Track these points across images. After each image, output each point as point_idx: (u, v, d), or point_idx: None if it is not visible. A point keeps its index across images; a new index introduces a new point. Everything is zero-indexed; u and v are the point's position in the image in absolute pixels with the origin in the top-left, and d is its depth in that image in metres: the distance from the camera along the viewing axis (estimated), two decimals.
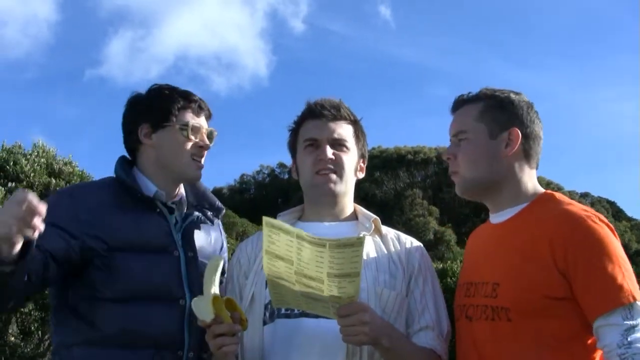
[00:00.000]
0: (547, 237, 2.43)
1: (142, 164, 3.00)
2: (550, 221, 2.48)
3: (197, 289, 2.66)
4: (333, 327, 2.47)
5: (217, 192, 51.51)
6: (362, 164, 2.91)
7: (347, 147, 2.80)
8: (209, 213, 3.13)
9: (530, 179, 2.68)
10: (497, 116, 2.67)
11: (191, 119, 2.95)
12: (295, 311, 2.57)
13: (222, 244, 3.20)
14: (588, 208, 2.55)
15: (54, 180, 10.10)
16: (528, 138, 2.67)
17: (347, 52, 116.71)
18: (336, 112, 2.81)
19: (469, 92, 2.76)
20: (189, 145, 2.93)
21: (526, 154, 2.67)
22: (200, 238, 3.02)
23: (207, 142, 2.99)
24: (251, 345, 2.61)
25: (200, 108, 2.99)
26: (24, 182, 9.93)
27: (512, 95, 2.72)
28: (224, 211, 3.21)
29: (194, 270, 2.88)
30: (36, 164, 10.32)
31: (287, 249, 2.30)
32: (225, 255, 3.19)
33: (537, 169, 2.73)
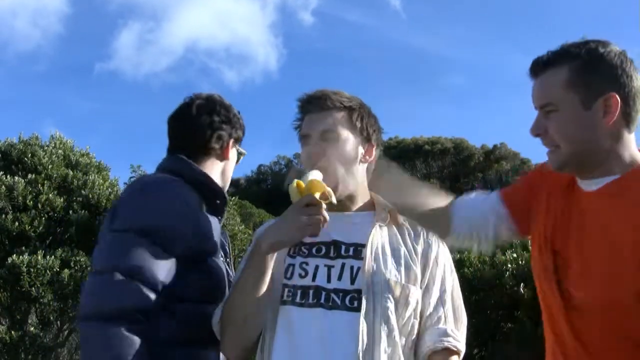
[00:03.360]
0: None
1: (206, 168, 2.95)
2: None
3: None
4: (346, 322, 2.48)
5: (234, 182, 51.57)
6: (368, 148, 2.82)
7: (336, 136, 2.74)
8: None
9: (632, 144, 2.34)
10: (589, 81, 2.27)
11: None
12: (310, 300, 2.57)
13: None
14: None
15: (71, 172, 10.16)
16: (628, 99, 2.27)
17: (360, 43, 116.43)
18: (322, 103, 2.76)
19: (549, 52, 2.37)
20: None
21: (627, 118, 2.29)
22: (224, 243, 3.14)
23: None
24: (269, 322, 2.60)
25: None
26: (42, 174, 10.00)
27: (601, 50, 2.30)
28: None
29: (230, 276, 3.01)
30: (54, 156, 10.39)
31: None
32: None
33: (636, 130, 2.35)
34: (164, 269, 2.56)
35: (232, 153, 3.05)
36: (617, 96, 2.25)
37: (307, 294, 2.57)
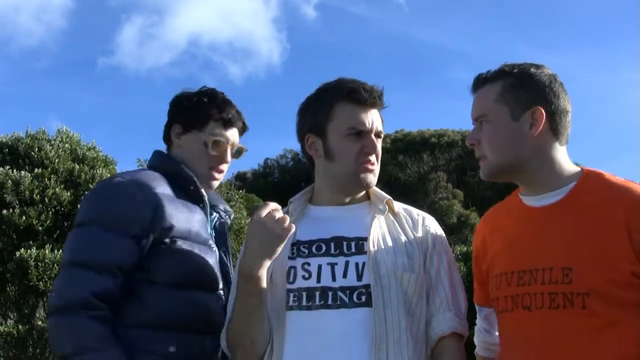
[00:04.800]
0: (621, 214, 2.34)
1: (178, 158, 3.10)
2: (620, 199, 2.39)
3: (229, 283, 2.99)
4: (356, 319, 2.48)
5: (241, 176, 51.61)
6: None
7: (382, 138, 2.78)
8: (223, 214, 3.28)
9: (563, 157, 2.56)
10: (518, 95, 2.52)
11: (219, 132, 3.06)
12: (317, 302, 2.55)
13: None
14: None
15: (77, 166, 10.15)
16: (554, 115, 2.52)
17: (364, 36, 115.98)
18: (380, 101, 2.75)
19: (489, 71, 2.61)
20: (207, 157, 3.06)
21: (554, 131, 2.53)
22: (226, 237, 3.24)
23: (227, 158, 3.11)
24: (276, 329, 2.60)
25: (231, 122, 3.09)
26: (49, 168, 9.99)
27: (532, 70, 2.57)
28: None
29: (226, 266, 3.11)
30: (60, 150, 10.38)
31: None
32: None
33: (567, 143, 2.60)
34: (121, 254, 2.73)
35: (186, 139, 3.09)
36: (542, 110, 2.51)
37: (313, 296, 2.56)
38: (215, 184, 3.14)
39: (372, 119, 2.71)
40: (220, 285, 3.02)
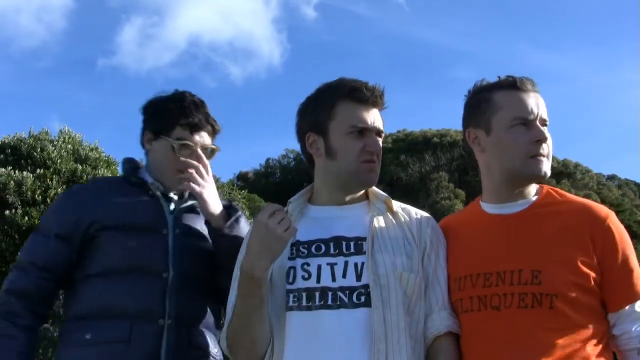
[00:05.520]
0: (586, 227, 2.53)
1: (149, 166, 3.25)
2: (584, 213, 2.59)
3: (183, 264, 3.04)
4: (355, 319, 2.49)
5: (243, 177, 51.59)
6: None
7: (383, 136, 2.79)
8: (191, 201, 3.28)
9: None
10: None
11: (186, 136, 3.12)
12: (317, 303, 2.55)
13: None
14: None
15: (80, 167, 10.16)
16: None
17: (364, 36, 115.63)
18: (382, 101, 2.76)
19: (524, 77, 2.69)
20: (176, 161, 3.10)
21: None
22: (195, 220, 3.20)
23: (195, 163, 3.09)
24: (277, 330, 2.60)
25: (198, 126, 3.14)
26: (52, 169, 10.00)
27: None
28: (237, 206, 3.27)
29: (182, 246, 3.08)
30: (63, 151, 10.39)
31: None
32: None
33: None
34: (46, 254, 2.99)
35: (156, 146, 3.18)
36: None
37: (313, 296, 2.56)
38: (185, 187, 3.11)
39: (374, 117, 2.72)
40: (167, 267, 3.02)
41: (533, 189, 2.71)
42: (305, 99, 2.84)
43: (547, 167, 2.62)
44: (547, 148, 2.63)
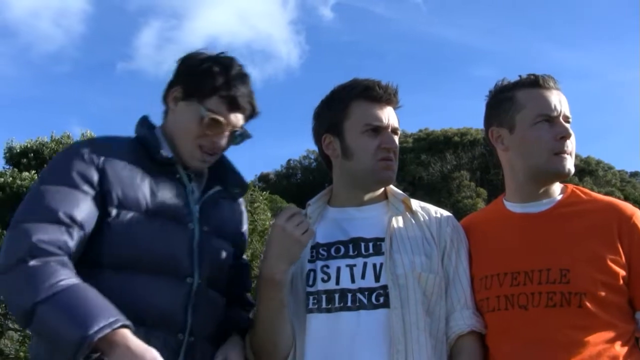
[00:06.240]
0: (614, 225, 2.51)
1: (166, 126, 2.74)
2: (610, 211, 2.57)
3: (208, 268, 2.56)
4: (374, 320, 2.49)
5: (264, 177, 51.72)
6: None
7: (398, 135, 2.78)
8: (235, 190, 2.87)
9: None
10: None
11: (221, 110, 2.63)
12: (336, 304, 2.55)
13: (244, 222, 2.97)
14: None
15: None
16: None
17: (382, 36, 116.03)
18: (395, 99, 2.75)
19: (546, 74, 2.69)
20: (200, 134, 2.63)
21: None
22: (221, 214, 2.76)
23: (221, 143, 2.67)
24: (298, 332, 2.60)
25: (237, 104, 2.65)
26: None
27: None
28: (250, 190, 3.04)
29: (208, 247, 2.61)
30: None
31: None
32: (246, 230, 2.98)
33: None
34: (83, 212, 2.37)
35: (182, 107, 2.66)
36: None
37: (332, 298, 2.56)
38: (201, 166, 2.72)
39: (388, 115, 2.71)
40: (192, 270, 2.53)
41: (557, 188, 2.69)
42: (319, 102, 2.84)
43: (570, 164, 2.61)
44: (570, 145, 2.61)
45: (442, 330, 2.59)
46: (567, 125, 2.62)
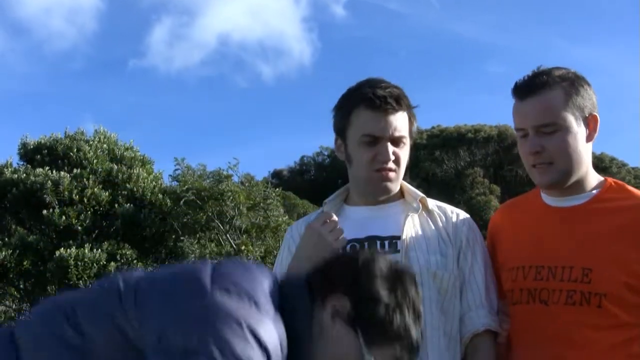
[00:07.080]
0: None
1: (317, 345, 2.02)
2: None
3: None
4: None
5: (277, 174, 51.78)
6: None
7: (404, 141, 2.70)
8: None
9: (590, 162, 2.63)
10: (578, 102, 2.52)
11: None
12: None
13: None
14: None
15: (115, 166, 10.25)
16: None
17: (395, 32, 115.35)
18: (397, 105, 2.65)
19: (537, 75, 2.57)
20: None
21: (594, 136, 2.59)
22: None
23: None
24: None
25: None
26: (88, 169, 10.10)
27: (580, 74, 2.58)
28: None
29: None
30: (99, 150, 10.49)
31: None
32: None
33: None
34: None
35: (339, 330, 1.92)
36: (597, 116, 2.56)
37: None
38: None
39: (386, 124, 2.63)
40: None
41: (595, 180, 2.62)
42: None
43: (551, 176, 2.58)
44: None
45: (456, 329, 2.59)
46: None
